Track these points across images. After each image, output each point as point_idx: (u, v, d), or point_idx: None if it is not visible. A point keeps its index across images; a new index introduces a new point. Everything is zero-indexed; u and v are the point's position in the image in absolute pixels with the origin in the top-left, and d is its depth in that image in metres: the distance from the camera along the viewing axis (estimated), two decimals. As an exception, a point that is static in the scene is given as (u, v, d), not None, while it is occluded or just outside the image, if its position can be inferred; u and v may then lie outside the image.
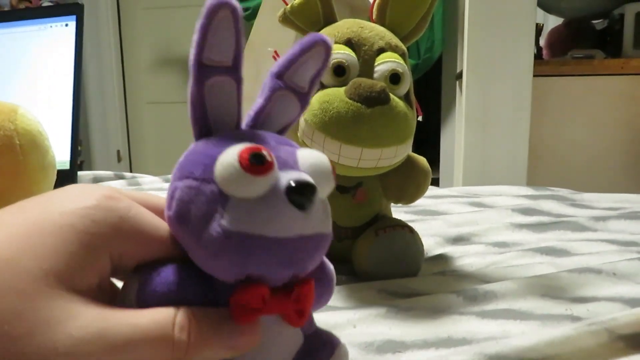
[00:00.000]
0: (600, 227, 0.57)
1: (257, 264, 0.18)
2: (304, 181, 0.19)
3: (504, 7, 1.13)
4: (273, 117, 0.22)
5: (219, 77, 0.20)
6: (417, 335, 0.33)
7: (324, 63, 0.22)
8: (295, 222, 0.19)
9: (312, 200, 0.19)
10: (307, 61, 0.22)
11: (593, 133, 1.29)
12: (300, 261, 0.19)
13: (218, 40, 0.19)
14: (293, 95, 0.22)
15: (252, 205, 0.18)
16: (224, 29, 0.19)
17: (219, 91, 0.20)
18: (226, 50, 0.20)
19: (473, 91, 1.17)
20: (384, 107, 0.38)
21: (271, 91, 0.22)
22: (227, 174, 0.18)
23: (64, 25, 0.88)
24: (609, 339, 0.31)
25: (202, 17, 0.19)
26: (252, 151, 0.18)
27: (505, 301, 0.38)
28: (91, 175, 0.90)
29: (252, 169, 0.18)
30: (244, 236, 0.18)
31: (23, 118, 0.34)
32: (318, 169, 0.20)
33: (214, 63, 0.20)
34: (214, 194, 0.18)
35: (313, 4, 0.43)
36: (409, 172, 0.46)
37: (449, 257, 0.50)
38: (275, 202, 0.18)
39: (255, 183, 0.18)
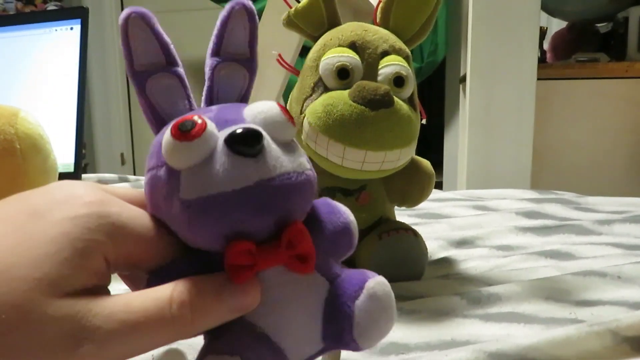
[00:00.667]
0: (605, 230, 0.57)
1: (229, 220, 0.18)
2: (244, 130, 0.19)
3: (508, 10, 1.13)
4: (224, 93, 0.23)
5: (154, 78, 0.22)
6: (420, 337, 0.33)
7: (251, 23, 0.23)
8: (248, 170, 0.19)
9: (258, 145, 0.19)
10: (233, 28, 0.23)
11: (597, 136, 1.28)
12: (274, 205, 0.19)
13: (139, 47, 0.21)
14: (237, 64, 0.23)
15: (199, 168, 0.19)
16: (140, 35, 0.21)
17: (160, 89, 0.22)
18: (151, 51, 0.22)
19: (477, 94, 1.17)
20: (387, 110, 0.38)
21: (211, 69, 0.23)
22: (166, 150, 0.19)
23: (69, 29, 0.88)
24: (613, 341, 0.31)
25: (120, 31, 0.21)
26: (181, 121, 0.19)
27: (509, 304, 0.38)
28: (95, 178, 0.91)
29: (182, 136, 0.18)
30: (201, 199, 0.18)
31: (24, 122, 0.34)
32: (266, 116, 0.20)
33: (145, 67, 0.22)
34: (167, 174, 0.19)
35: (317, 7, 0.43)
36: (413, 175, 0.46)
37: (453, 261, 0.50)
38: (220, 158, 0.19)
39: (191, 148, 0.18)
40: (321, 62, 0.41)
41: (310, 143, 0.41)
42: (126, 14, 0.21)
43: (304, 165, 0.20)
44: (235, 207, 0.18)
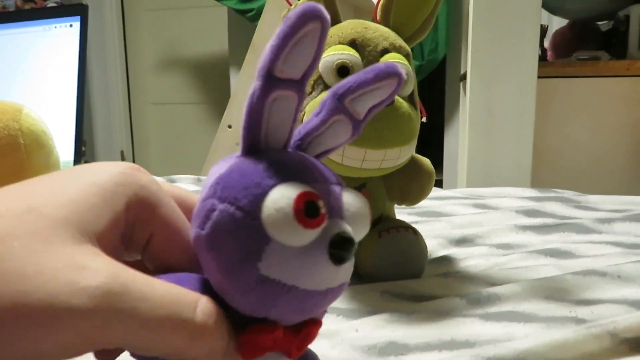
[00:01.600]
0: (605, 229, 0.57)
1: (280, 311, 0.18)
2: (347, 236, 0.18)
3: (509, 8, 1.13)
4: (323, 140, 0.21)
5: (284, 91, 0.18)
6: (420, 337, 0.33)
7: (391, 95, 0.21)
8: (329, 277, 0.18)
9: (350, 255, 0.18)
10: (375, 90, 0.20)
11: (598, 134, 1.28)
12: (320, 310, 0.19)
13: (297, 54, 0.18)
14: (348, 120, 0.21)
15: (294, 253, 0.17)
16: (308, 42, 0.18)
17: (280, 106, 0.18)
18: (302, 64, 0.18)
19: (477, 92, 1.17)
20: (388, 107, 0.38)
21: (329, 114, 0.20)
22: (277, 220, 0.17)
23: (68, 26, 0.88)
24: (612, 343, 0.31)
25: (287, 25, 0.17)
26: (307, 199, 0.17)
27: (509, 303, 0.38)
28: (95, 175, 0.91)
29: (305, 221, 0.17)
30: (277, 284, 0.17)
31: (28, 118, 0.34)
32: (359, 217, 0.19)
33: (284, 76, 0.18)
34: (257, 232, 0.17)
35: (317, 5, 0.43)
36: (413, 173, 0.45)
37: (453, 259, 0.50)
38: (317, 255, 0.17)
39: (304, 234, 0.17)
40: (321, 59, 0.41)
41: (309, 141, 0.41)
42: (309, 13, 0.17)
43: (350, 272, 0.20)
44: (297, 304, 0.18)
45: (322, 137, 0.21)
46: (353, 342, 0.33)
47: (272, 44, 0.17)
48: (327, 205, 0.18)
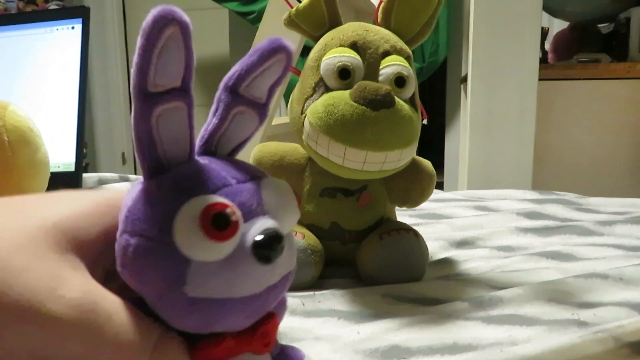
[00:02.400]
0: (606, 231, 0.57)
1: (224, 324, 0.18)
2: (270, 233, 0.17)
3: (510, 10, 1.13)
4: (229, 136, 0.20)
5: (166, 104, 0.17)
6: (422, 341, 0.33)
7: (285, 71, 0.20)
8: (263, 278, 0.17)
9: (279, 249, 0.18)
10: (266, 70, 0.19)
11: (599, 137, 1.28)
12: (267, 308, 0.19)
13: (164, 63, 0.17)
14: (251, 109, 0.20)
15: (217, 268, 0.17)
16: (172, 49, 0.16)
17: (167, 120, 0.17)
18: (175, 72, 0.17)
19: (478, 95, 1.17)
20: (389, 110, 0.38)
21: (226, 109, 0.19)
22: (189, 241, 0.16)
23: (70, 28, 0.88)
24: (615, 346, 0.31)
25: (142, 35, 0.16)
26: (214, 212, 0.16)
27: (512, 306, 0.38)
28: (96, 177, 0.91)
29: (217, 235, 0.16)
30: (209, 301, 0.17)
31: (12, 114, 0.34)
32: (283, 206, 0.19)
33: (161, 88, 0.17)
34: (174, 257, 0.16)
35: (318, 7, 0.43)
36: (414, 175, 0.45)
37: (454, 261, 0.50)
38: (242, 262, 0.17)
39: (222, 248, 0.16)
40: (322, 62, 0.41)
41: (311, 143, 0.41)
42: (161, 19, 0.16)
43: (294, 259, 0.19)
44: (238, 313, 0.17)
45: (228, 134, 0.20)
46: (355, 346, 0.32)
47: (136, 62, 0.16)
48: (240, 205, 0.17)
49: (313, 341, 0.33)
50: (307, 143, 0.41)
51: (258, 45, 0.19)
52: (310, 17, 0.43)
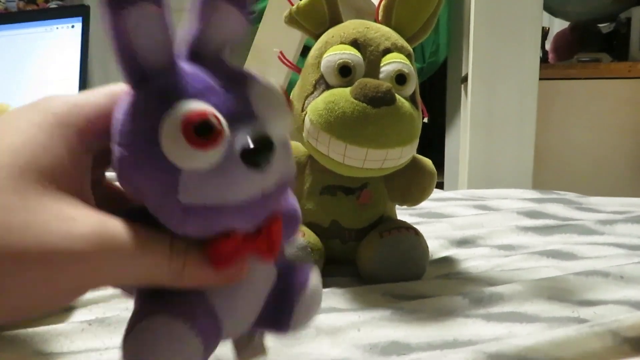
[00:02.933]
0: (607, 230, 0.57)
1: (223, 227, 0.18)
2: (260, 137, 0.17)
3: (510, 10, 1.13)
4: (213, 39, 0.19)
5: (138, 9, 0.17)
6: (422, 337, 0.33)
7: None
8: (256, 183, 0.18)
9: (269, 155, 0.17)
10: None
11: (599, 136, 1.28)
12: (267, 212, 0.19)
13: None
14: (230, 5, 0.19)
15: (208, 175, 0.17)
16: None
17: (142, 27, 0.17)
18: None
19: (478, 94, 1.17)
20: (389, 107, 0.38)
21: (202, 6, 0.18)
22: (174, 149, 0.16)
23: (70, 27, 0.88)
24: (613, 342, 0.31)
25: None
26: (197, 120, 0.16)
27: (512, 304, 0.38)
28: (96, 176, 0.91)
29: (199, 142, 0.16)
30: (204, 207, 0.17)
31: None
32: (273, 108, 0.18)
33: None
34: (165, 167, 0.17)
35: (319, 5, 0.43)
36: (414, 173, 0.45)
37: (454, 260, 0.50)
38: (232, 169, 0.17)
39: (206, 156, 0.16)
40: (323, 59, 0.41)
41: (311, 140, 0.41)
42: None
43: (292, 161, 0.20)
44: (236, 217, 0.18)
45: (212, 36, 0.19)
46: (355, 341, 0.32)
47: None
48: (226, 110, 0.17)
49: (313, 335, 0.33)
50: (308, 140, 0.41)
51: None
52: (311, 14, 0.43)
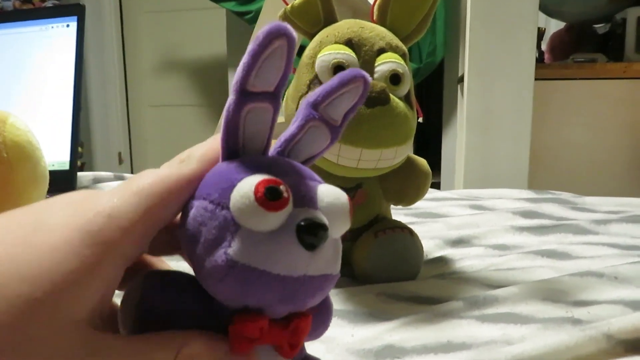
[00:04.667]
0: (601, 230, 0.57)
1: (258, 297, 0.18)
2: (316, 221, 0.19)
3: (506, 11, 1.13)
4: (302, 146, 0.22)
5: (258, 103, 0.20)
6: (416, 340, 0.33)
7: (361, 98, 0.22)
8: (302, 262, 0.19)
9: (321, 240, 0.19)
10: (344, 95, 0.22)
11: (595, 137, 1.28)
12: (302, 300, 0.19)
13: (267, 69, 0.19)
14: (325, 127, 0.22)
15: (261, 238, 0.18)
16: (277, 58, 0.19)
17: (254, 116, 0.20)
18: (272, 78, 0.19)
19: (474, 94, 1.17)
20: (384, 107, 0.38)
21: (304, 120, 0.22)
22: (241, 205, 0.18)
23: (65, 26, 0.88)
24: (607, 344, 0.31)
25: (256, 42, 0.19)
26: (268, 184, 0.18)
27: (506, 305, 0.38)
28: (91, 176, 0.90)
29: (266, 203, 0.18)
30: (247, 268, 0.18)
31: (12, 128, 0.33)
32: (335, 208, 0.20)
33: (257, 89, 0.19)
34: (227, 220, 0.18)
35: (313, 4, 0.43)
36: (409, 173, 0.45)
37: (449, 260, 0.50)
38: (285, 239, 0.18)
39: (268, 217, 0.18)
40: (317, 59, 0.41)
41: (305, 141, 0.40)
42: (275, 31, 0.18)
43: (337, 267, 0.20)
44: (273, 291, 0.18)
45: (301, 143, 0.22)
46: (349, 346, 0.32)
47: (244, 61, 0.19)
48: (295, 192, 0.19)
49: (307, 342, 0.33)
50: (302, 140, 0.41)
51: (342, 72, 0.22)
52: (305, 14, 0.43)
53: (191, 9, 2.42)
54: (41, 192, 0.35)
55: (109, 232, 0.17)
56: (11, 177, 0.32)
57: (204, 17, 2.38)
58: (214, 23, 2.27)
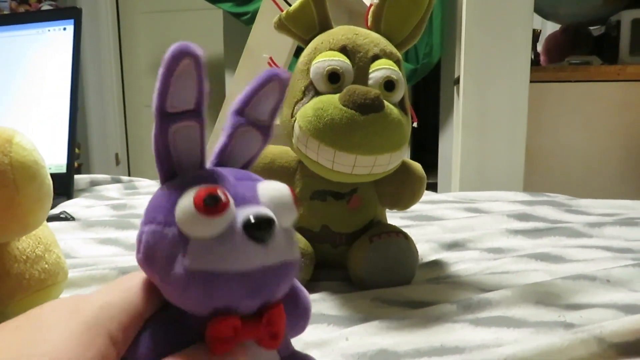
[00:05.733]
0: (595, 233, 0.57)
1: (223, 297, 0.19)
2: (261, 215, 0.19)
3: (501, 13, 1.14)
4: (237, 153, 0.23)
5: (181, 122, 0.20)
6: (410, 344, 0.33)
7: (281, 95, 0.23)
8: (256, 255, 0.19)
9: (270, 232, 0.20)
10: (264, 95, 0.23)
11: (589, 139, 1.29)
12: (267, 290, 0.20)
13: (180, 89, 0.20)
14: (254, 129, 0.23)
15: (211, 243, 0.19)
16: (186, 77, 0.20)
17: (182, 135, 0.21)
18: (189, 96, 0.20)
19: (470, 96, 1.17)
20: (378, 114, 0.38)
21: (233, 128, 0.23)
22: (185, 217, 0.19)
23: (62, 29, 0.88)
24: (599, 348, 0.31)
25: (163, 66, 0.20)
26: (207, 193, 0.19)
27: (499, 309, 0.38)
28: (88, 178, 0.90)
29: (206, 210, 0.19)
30: (206, 273, 0.19)
31: (18, 148, 0.32)
32: (278, 200, 0.21)
33: (177, 110, 0.20)
34: (175, 236, 0.19)
35: (308, 11, 0.43)
36: (404, 178, 0.46)
37: (444, 263, 0.50)
38: (233, 238, 0.19)
39: (211, 223, 0.19)
40: (312, 65, 0.41)
41: (300, 147, 0.41)
42: (178, 52, 0.20)
43: (295, 253, 0.21)
44: (236, 288, 0.19)
45: (236, 150, 0.23)
46: (343, 351, 0.33)
47: (157, 86, 0.20)
48: (235, 194, 0.20)
49: (302, 347, 0.33)
50: (297, 146, 0.41)
51: (257, 76, 0.23)
52: (300, 20, 0.43)
53: (188, 10, 2.42)
54: (45, 212, 0.35)
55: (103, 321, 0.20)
56: (17, 199, 0.32)
57: (200, 17, 2.38)
58: (211, 24, 2.27)
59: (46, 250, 0.37)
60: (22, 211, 0.32)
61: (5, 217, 0.32)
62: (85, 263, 0.49)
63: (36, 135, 0.37)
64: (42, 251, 0.37)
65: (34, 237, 0.37)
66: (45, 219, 0.35)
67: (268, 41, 1.03)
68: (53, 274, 0.37)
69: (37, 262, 0.36)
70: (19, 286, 0.35)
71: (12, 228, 0.33)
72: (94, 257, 0.52)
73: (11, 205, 0.32)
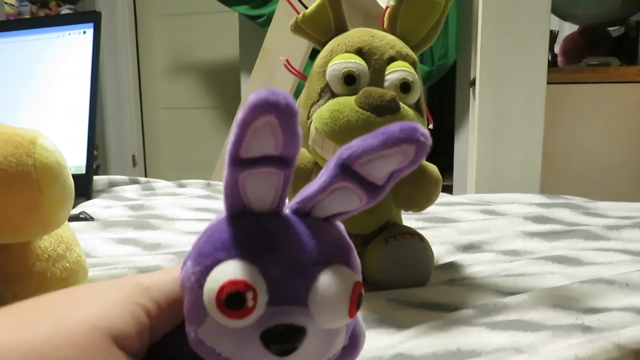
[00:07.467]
0: (614, 236, 0.56)
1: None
2: (290, 329, 0.17)
3: (518, 13, 1.13)
4: (328, 205, 0.19)
5: (256, 169, 0.17)
6: (426, 347, 0.33)
7: (410, 165, 0.18)
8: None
9: (294, 347, 0.17)
10: (388, 156, 0.18)
11: (607, 141, 1.27)
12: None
13: (259, 141, 0.17)
14: (359, 188, 0.18)
15: (227, 333, 0.17)
16: (266, 134, 0.17)
17: (255, 182, 0.18)
18: (269, 145, 0.17)
19: (486, 98, 1.16)
20: (394, 116, 0.38)
21: (331, 180, 0.18)
22: (208, 299, 0.17)
23: (81, 33, 0.90)
24: (618, 354, 0.31)
25: (243, 114, 0.16)
26: (232, 289, 0.17)
27: (516, 312, 0.38)
28: (106, 179, 0.92)
29: (225, 311, 0.17)
30: (213, 352, 0.18)
31: (42, 150, 0.33)
32: (326, 304, 0.18)
33: (253, 155, 0.17)
34: (200, 302, 0.18)
35: (324, 13, 0.43)
36: (420, 180, 0.46)
37: (460, 265, 0.50)
38: (250, 341, 0.17)
39: (231, 322, 0.17)
40: (328, 68, 0.41)
41: (316, 148, 0.41)
42: (265, 105, 0.16)
43: (336, 348, 0.19)
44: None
45: (326, 203, 0.19)
46: (360, 355, 0.33)
47: (234, 131, 0.17)
48: (275, 287, 0.17)
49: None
50: (313, 148, 0.42)
51: (388, 128, 0.17)
52: (316, 23, 0.44)
53: (204, 13, 2.44)
54: (67, 212, 0.35)
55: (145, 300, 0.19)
56: (40, 200, 0.32)
57: (216, 20, 2.40)
58: (227, 26, 2.28)
59: (67, 249, 0.38)
60: (45, 211, 0.33)
61: (29, 217, 0.32)
62: (104, 262, 0.50)
63: (56, 137, 0.37)
64: (64, 250, 0.38)
65: (56, 236, 0.38)
66: (66, 219, 0.36)
67: (284, 43, 1.03)
68: (74, 273, 0.38)
69: (58, 260, 0.37)
70: (40, 284, 0.36)
71: (34, 228, 0.33)
72: (113, 257, 0.53)
73: (34, 206, 0.32)
